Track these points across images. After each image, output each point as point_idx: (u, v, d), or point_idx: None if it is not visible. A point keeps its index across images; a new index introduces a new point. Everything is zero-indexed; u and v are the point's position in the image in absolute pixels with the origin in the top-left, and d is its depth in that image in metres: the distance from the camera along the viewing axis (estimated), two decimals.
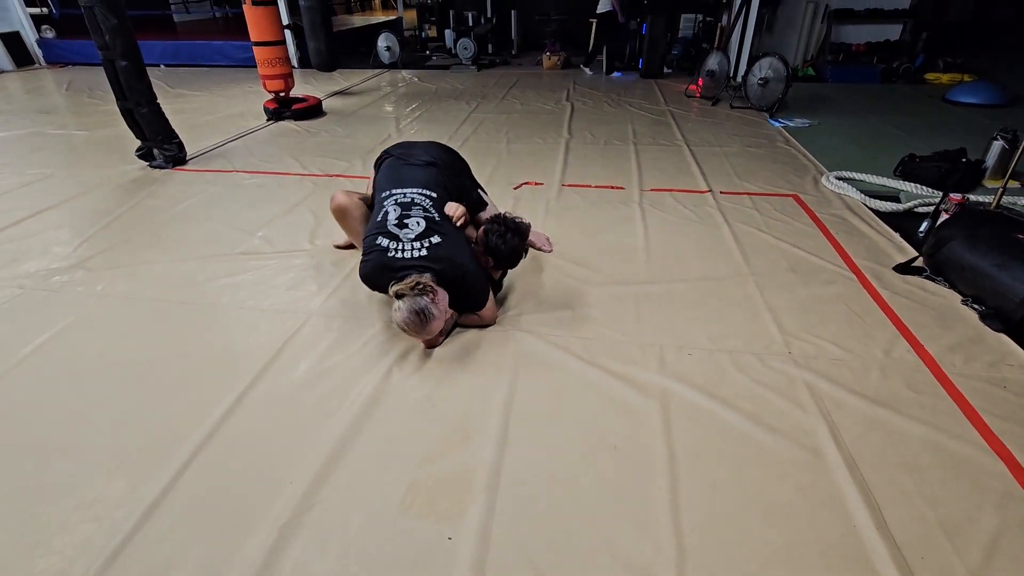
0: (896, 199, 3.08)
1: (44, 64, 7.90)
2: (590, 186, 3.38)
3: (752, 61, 5.32)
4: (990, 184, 3.27)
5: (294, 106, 4.94)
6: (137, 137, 3.69)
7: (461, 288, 1.86)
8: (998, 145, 3.26)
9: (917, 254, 2.45)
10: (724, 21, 6.79)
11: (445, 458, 1.48)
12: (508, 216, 2.05)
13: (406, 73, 7.27)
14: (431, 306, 1.69)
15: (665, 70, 6.95)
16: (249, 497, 1.37)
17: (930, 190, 3.14)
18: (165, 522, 1.31)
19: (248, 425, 1.59)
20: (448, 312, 1.85)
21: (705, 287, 2.28)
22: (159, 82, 5.14)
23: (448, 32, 8.50)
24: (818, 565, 1.21)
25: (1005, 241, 2.10)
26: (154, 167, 3.70)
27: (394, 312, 1.72)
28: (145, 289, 2.29)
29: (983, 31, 8.64)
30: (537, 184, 3.42)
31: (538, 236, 2.17)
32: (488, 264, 2.06)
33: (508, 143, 4.25)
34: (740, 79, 5.66)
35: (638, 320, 2.07)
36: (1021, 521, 1.30)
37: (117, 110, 3.62)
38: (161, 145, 3.68)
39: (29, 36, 7.78)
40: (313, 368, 1.82)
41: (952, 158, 3.29)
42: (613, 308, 2.14)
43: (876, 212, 2.98)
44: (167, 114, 3.71)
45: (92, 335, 2.00)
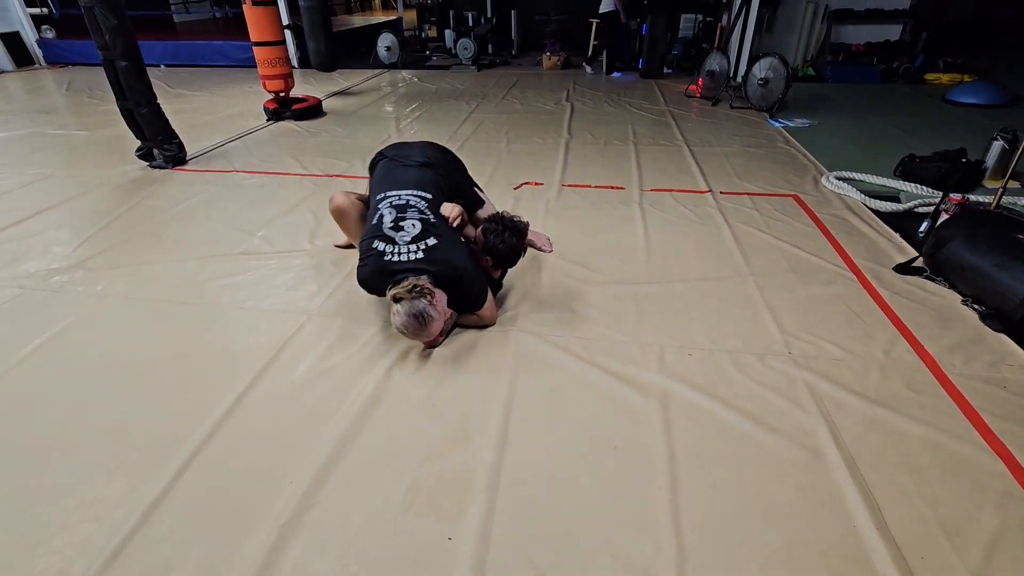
0: (896, 199, 3.08)
1: (44, 64, 7.90)
2: (590, 186, 3.38)
3: (752, 61, 5.32)
4: (990, 184, 3.27)
5: (294, 106, 4.94)
6: (137, 137, 3.70)
7: (458, 289, 1.86)
8: (998, 145, 3.26)
9: (917, 254, 2.45)
10: (724, 21, 6.79)
11: (445, 458, 1.48)
12: (506, 215, 2.05)
13: (406, 73, 7.27)
14: (429, 308, 1.69)
15: (665, 70, 6.95)
16: (249, 497, 1.37)
17: (930, 190, 3.14)
18: (165, 522, 1.31)
19: (248, 425, 1.60)
20: (447, 312, 1.85)
21: (705, 287, 2.29)
22: (159, 82, 5.14)
23: (448, 32, 8.50)
24: (818, 565, 1.21)
25: (1005, 241, 2.10)
26: (154, 167, 3.71)
27: (393, 316, 1.73)
28: (145, 289, 2.29)
29: (983, 31, 8.64)
30: (537, 184, 3.42)
31: (538, 236, 2.17)
32: (487, 263, 2.06)
33: (508, 143, 4.25)
34: (740, 79, 5.66)
35: (638, 320, 2.07)
36: (1021, 521, 1.30)
37: (117, 110, 3.62)
38: (161, 145, 3.68)
39: (29, 36, 7.79)
40: (313, 368, 1.82)
41: (952, 158, 3.29)
42: (613, 308, 2.14)
43: (876, 212, 2.98)
44: (167, 114, 3.71)
45: (92, 335, 2.00)
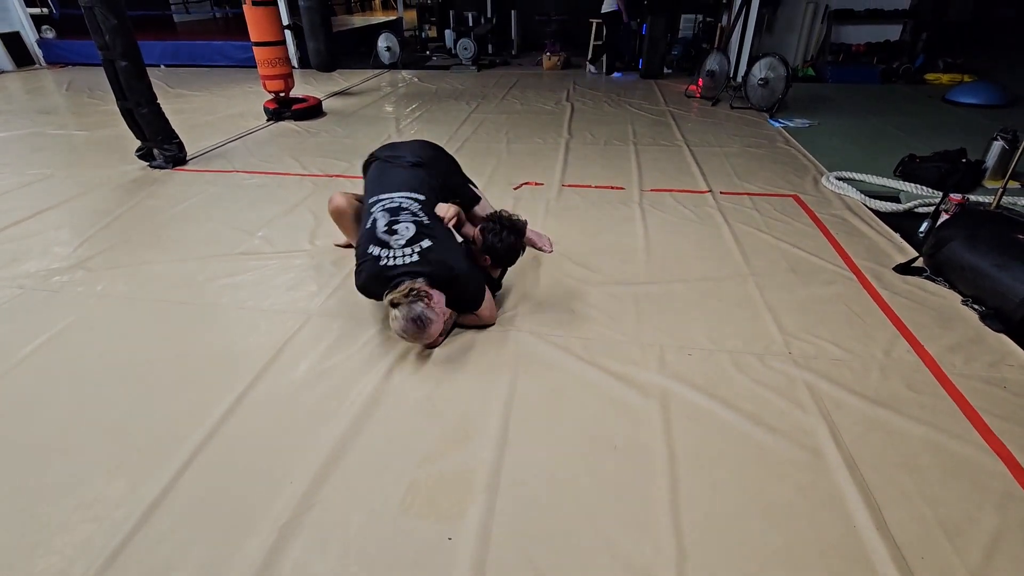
0: (896, 199, 3.08)
1: (44, 64, 7.90)
2: (590, 186, 3.38)
3: (752, 61, 5.32)
4: (990, 184, 3.27)
5: (294, 106, 4.94)
6: (137, 137, 3.70)
7: (455, 290, 1.85)
8: (998, 145, 3.26)
9: (917, 254, 2.45)
10: (724, 21, 6.79)
11: (445, 458, 1.48)
12: (504, 214, 2.05)
13: (406, 73, 7.27)
14: (427, 311, 1.69)
15: (665, 70, 6.95)
16: (249, 497, 1.37)
17: (930, 190, 3.14)
18: (165, 522, 1.31)
19: (248, 425, 1.60)
20: (446, 312, 1.85)
21: (705, 287, 2.29)
22: (159, 82, 5.14)
23: (448, 32, 8.50)
24: (818, 565, 1.21)
25: (1005, 241, 2.10)
26: (154, 167, 3.71)
27: (391, 321, 1.72)
28: (145, 289, 2.29)
29: (983, 31, 8.64)
30: (537, 184, 3.42)
31: (539, 237, 2.17)
32: (486, 263, 2.06)
33: (508, 143, 4.25)
34: (740, 79, 5.66)
35: (638, 320, 2.07)
36: (1021, 521, 1.30)
37: (117, 110, 3.62)
38: (161, 145, 3.68)
39: (29, 36, 7.79)
40: (313, 368, 1.82)
41: (952, 158, 3.29)
42: (613, 308, 2.14)
43: (876, 212, 2.98)
44: (167, 114, 3.71)
45: (92, 335, 2.00)
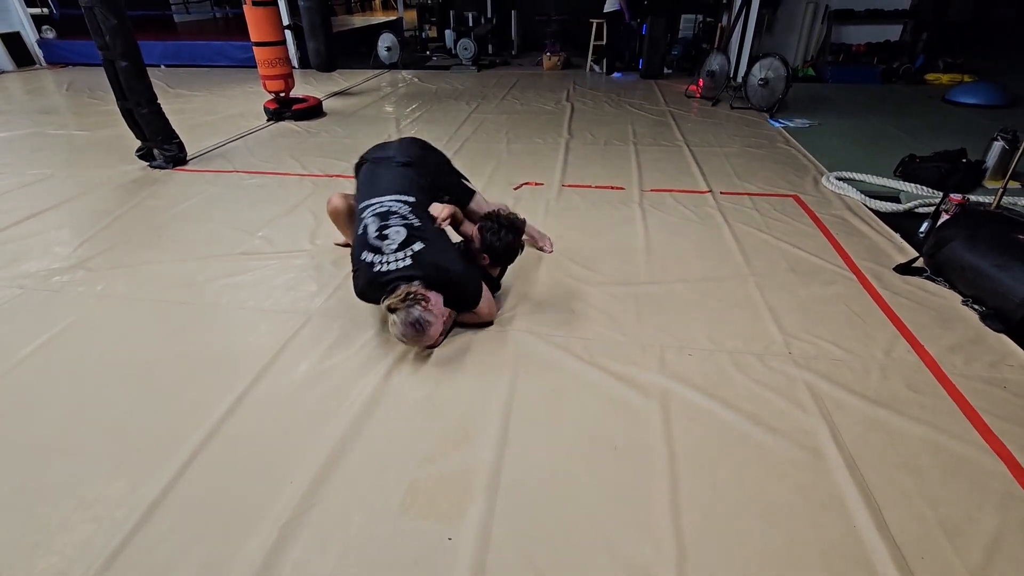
0: (896, 199, 3.08)
1: (44, 64, 7.90)
2: (590, 186, 3.38)
3: (752, 61, 5.32)
4: (990, 185, 3.27)
5: (294, 106, 4.94)
6: (137, 137, 3.70)
7: (452, 290, 1.86)
8: (998, 146, 3.26)
9: (917, 254, 2.45)
10: (724, 22, 6.79)
11: (445, 458, 1.48)
12: (503, 212, 2.05)
13: (406, 73, 7.27)
14: (425, 314, 1.69)
15: (665, 70, 6.94)
16: (249, 497, 1.37)
17: (930, 190, 3.14)
18: (165, 522, 1.31)
19: (248, 425, 1.60)
20: (445, 313, 1.85)
21: (705, 287, 2.28)
22: (159, 82, 5.14)
23: (448, 32, 8.50)
24: (818, 565, 1.21)
25: (1005, 242, 2.10)
26: (154, 167, 3.71)
27: (391, 327, 1.73)
28: (145, 289, 2.29)
29: (983, 31, 8.64)
30: (537, 184, 3.42)
31: (540, 234, 2.17)
32: (485, 261, 2.06)
33: (508, 143, 4.25)
34: (740, 79, 5.66)
35: (638, 320, 2.07)
36: (1021, 521, 1.30)
37: (117, 110, 3.62)
38: (161, 145, 3.68)
39: (30, 36, 7.79)
40: (313, 368, 1.82)
41: (952, 158, 3.29)
42: (613, 308, 2.14)
43: (876, 212, 2.98)
44: (167, 114, 3.71)
45: (92, 335, 2.00)
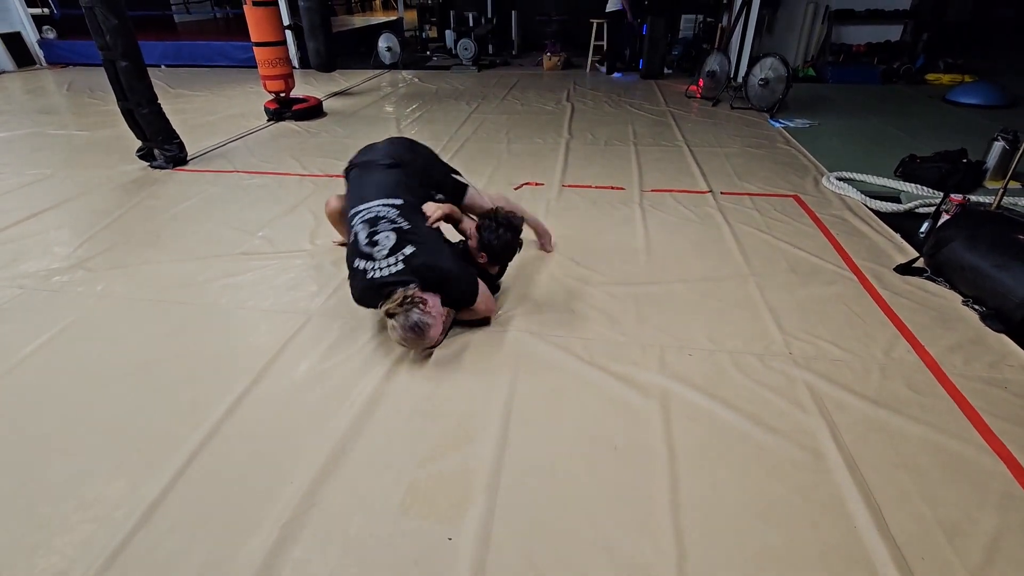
0: (897, 200, 3.08)
1: (45, 64, 7.91)
2: (590, 187, 3.38)
3: (752, 62, 5.32)
4: (991, 185, 3.27)
5: (294, 106, 4.94)
6: (138, 137, 3.70)
7: (448, 290, 1.86)
8: (999, 146, 3.26)
9: (918, 255, 2.45)
10: (724, 22, 6.79)
11: (445, 458, 1.48)
12: (501, 211, 2.06)
13: (406, 73, 7.28)
14: (424, 317, 1.69)
15: (665, 71, 6.94)
16: (249, 497, 1.37)
17: (931, 191, 3.14)
18: (165, 522, 1.31)
19: (248, 425, 1.60)
20: (444, 313, 1.85)
21: (705, 287, 2.28)
22: (160, 82, 5.15)
23: (448, 32, 8.50)
24: (818, 565, 1.21)
25: (1006, 242, 2.10)
26: (155, 167, 3.71)
27: (390, 331, 1.73)
28: (145, 289, 2.29)
29: (983, 32, 8.64)
30: (537, 184, 3.42)
31: (544, 231, 2.16)
32: (483, 260, 2.06)
33: (508, 143, 4.26)
34: (740, 80, 5.66)
35: (638, 320, 2.07)
36: (1021, 521, 1.30)
37: (118, 110, 3.62)
38: (162, 145, 3.68)
39: (30, 36, 7.80)
40: (313, 368, 1.82)
41: (953, 159, 3.29)
42: (613, 308, 2.14)
43: (877, 213, 2.98)
44: (168, 114, 3.72)
45: (92, 335, 2.00)
